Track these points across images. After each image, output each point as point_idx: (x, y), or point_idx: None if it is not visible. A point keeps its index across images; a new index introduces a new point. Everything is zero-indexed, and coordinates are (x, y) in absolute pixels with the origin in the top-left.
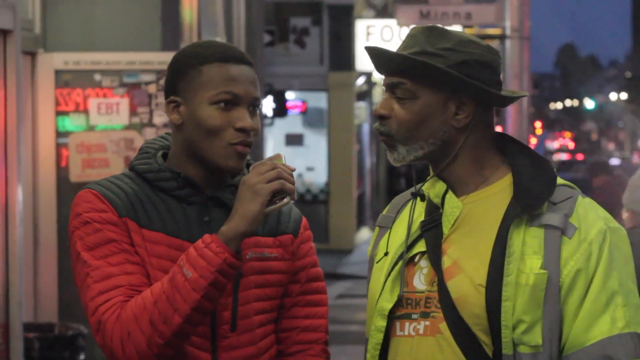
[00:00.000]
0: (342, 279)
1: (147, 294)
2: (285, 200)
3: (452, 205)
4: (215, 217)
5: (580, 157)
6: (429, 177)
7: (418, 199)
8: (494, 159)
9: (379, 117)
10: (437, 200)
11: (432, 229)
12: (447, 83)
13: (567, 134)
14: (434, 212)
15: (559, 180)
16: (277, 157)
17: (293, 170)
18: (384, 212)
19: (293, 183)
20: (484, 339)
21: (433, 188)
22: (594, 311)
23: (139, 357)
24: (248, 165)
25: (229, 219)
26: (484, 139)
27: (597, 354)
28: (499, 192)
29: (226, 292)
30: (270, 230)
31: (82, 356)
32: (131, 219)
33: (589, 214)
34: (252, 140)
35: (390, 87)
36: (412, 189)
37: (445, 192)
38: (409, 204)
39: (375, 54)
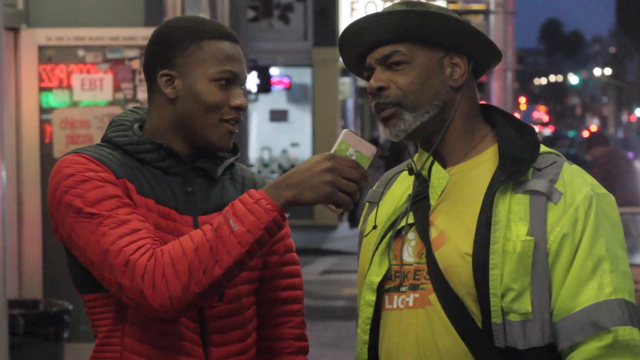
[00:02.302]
0: (327, 254)
1: (187, 241)
2: (337, 209)
3: (439, 177)
4: (198, 187)
5: (551, 128)
6: (430, 152)
7: (406, 172)
8: (482, 128)
9: (377, 90)
10: (424, 173)
11: (420, 201)
12: (445, 37)
13: (542, 108)
14: (422, 185)
15: (544, 148)
16: (366, 159)
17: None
18: (374, 187)
19: (356, 194)
20: (474, 309)
21: (420, 161)
22: (581, 277)
23: (170, 302)
24: (232, 145)
25: (287, 177)
26: (472, 106)
27: (584, 320)
28: (485, 161)
29: None
30: None
31: (66, 333)
32: (128, 180)
33: (574, 180)
34: (241, 119)
35: (382, 60)
36: (405, 164)
37: (432, 164)
38: (398, 178)
39: (370, 22)
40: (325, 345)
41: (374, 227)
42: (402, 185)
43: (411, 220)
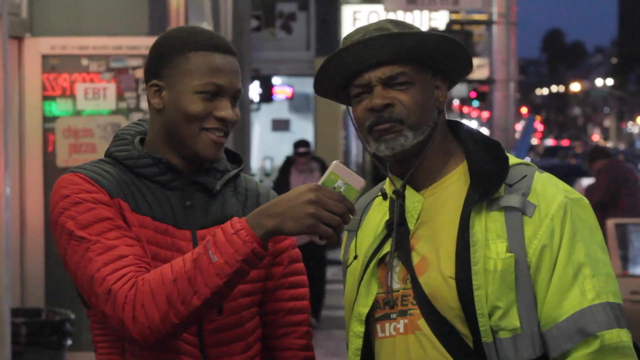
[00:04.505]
0: (329, 264)
1: (167, 270)
2: (321, 240)
3: (413, 200)
4: (197, 201)
5: (537, 136)
6: (407, 176)
7: (381, 197)
8: (453, 145)
9: (383, 107)
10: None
11: (398, 226)
12: (440, 61)
13: (537, 117)
14: (398, 210)
15: (513, 160)
16: (355, 192)
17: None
18: (354, 201)
19: (340, 227)
20: (463, 330)
21: (391, 186)
22: (563, 286)
23: (150, 331)
24: (237, 156)
25: (271, 206)
26: (445, 125)
27: (570, 328)
28: (456, 180)
29: None
30: None
31: (69, 341)
32: (122, 199)
33: (547, 189)
34: (229, 131)
35: (386, 80)
36: (378, 189)
37: (404, 189)
38: (373, 205)
39: (367, 43)
40: (328, 354)
41: (356, 256)
42: (379, 212)
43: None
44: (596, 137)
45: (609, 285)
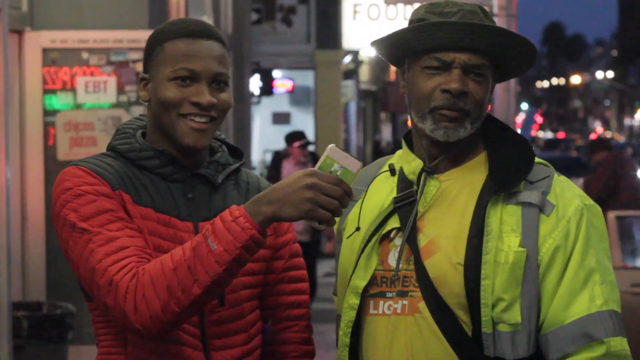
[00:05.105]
0: (329, 257)
1: (167, 260)
2: (320, 225)
3: (430, 184)
4: (198, 193)
5: (535, 127)
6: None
7: (388, 173)
8: (477, 136)
9: (460, 93)
10: (412, 177)
11: (405, 205)
12: (511, 62)
13: (538, 110)
14: (408, 189)
15: (536, 159)
16: (351, 175)
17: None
18: (351, 184)
19: (338, 211)
20: (464, 318)
21: (408, 164)
22: (573, 289)
23: (151, 321)
24: (237, 150)
25: (269, 192)
26: None
27: (576, 331)
28: (474, 168)
29: None
30: None
31: (70, 335)
32: (124, 192)
33: (565, 192)
34: (214, 115)
35: (469, 67)
36: (384, 162)
37: (423, 171)
38: (379, 178)
39: (469, 28)
40: (329, 346)
41: (357, 228)
42: (385, 186)
43: (397, 224)
44: (600, 129)
45: (614, 293)
